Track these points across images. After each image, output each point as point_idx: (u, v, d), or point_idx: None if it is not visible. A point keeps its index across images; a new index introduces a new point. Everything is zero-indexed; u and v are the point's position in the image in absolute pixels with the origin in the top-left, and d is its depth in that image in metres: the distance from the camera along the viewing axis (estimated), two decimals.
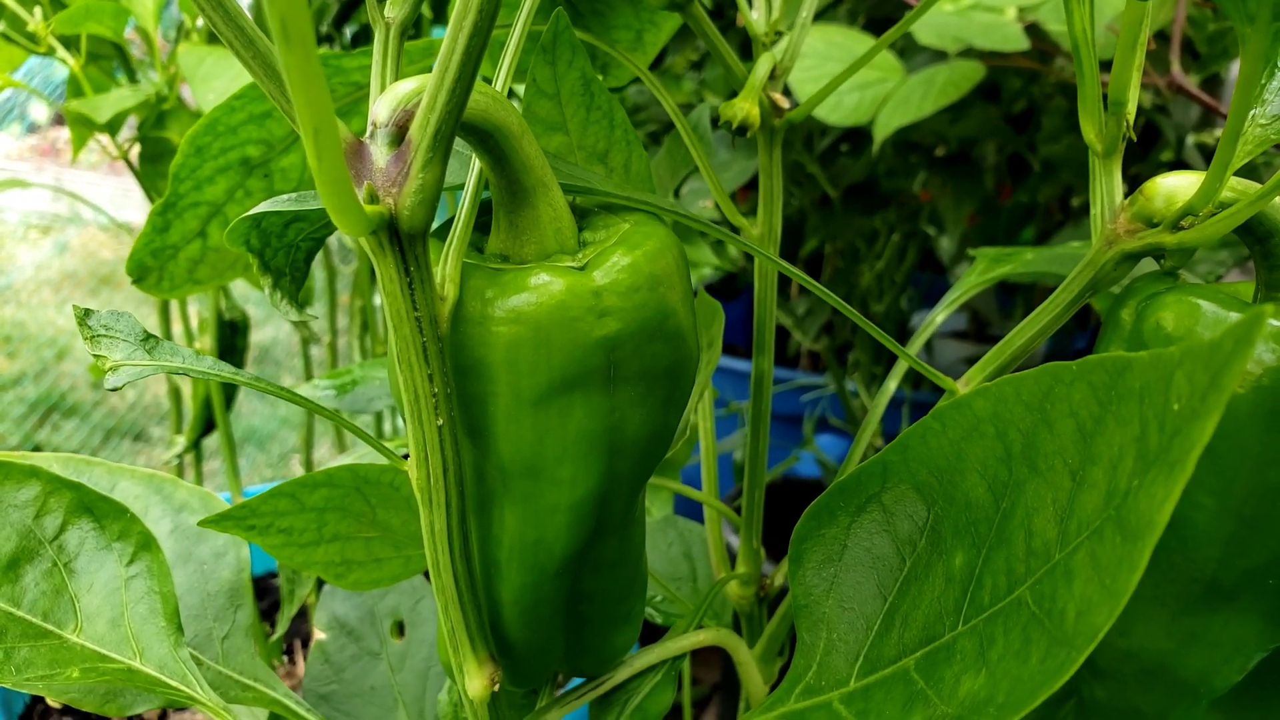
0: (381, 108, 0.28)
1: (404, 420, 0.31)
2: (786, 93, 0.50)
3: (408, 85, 0.28)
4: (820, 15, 1.18)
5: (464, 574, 0.32)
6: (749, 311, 0.55)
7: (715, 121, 0.50)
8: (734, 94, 0.48)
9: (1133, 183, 0.36)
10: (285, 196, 0.35)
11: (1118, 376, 0.25)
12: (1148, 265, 0.38)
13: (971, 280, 0.53)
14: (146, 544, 0.40)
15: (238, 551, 0.46)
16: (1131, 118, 0.37)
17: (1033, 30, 0.95)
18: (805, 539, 0.34)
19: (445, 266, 0.31)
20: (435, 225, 0.31)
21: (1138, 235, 0.36)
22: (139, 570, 0.39)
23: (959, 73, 0.94)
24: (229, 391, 0.94)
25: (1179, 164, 1.25)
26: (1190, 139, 1.13)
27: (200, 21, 0.86)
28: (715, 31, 0.47)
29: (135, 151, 0.85)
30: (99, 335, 0.31)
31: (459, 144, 0.37)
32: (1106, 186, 0.37)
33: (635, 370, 0.32)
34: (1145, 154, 1.26)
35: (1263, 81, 0.33)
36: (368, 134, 0.28)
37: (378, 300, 1.09)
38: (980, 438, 0.29)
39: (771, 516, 0.57)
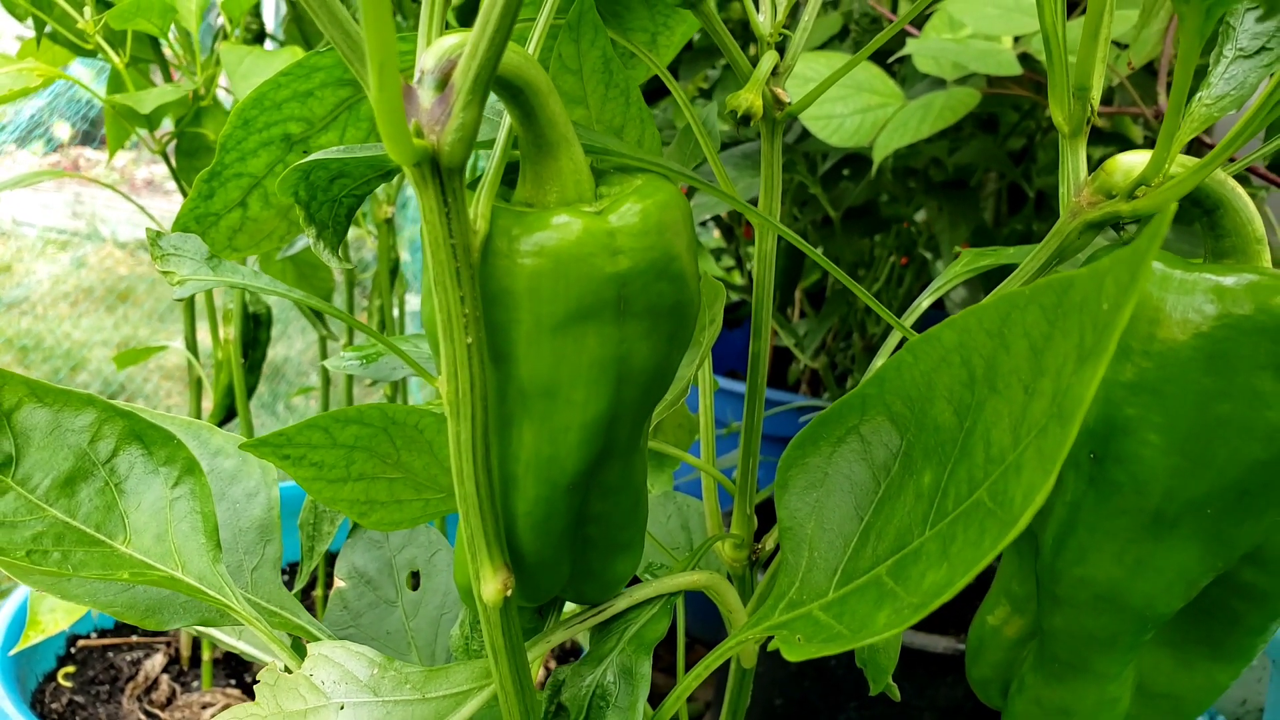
0: (429, 57, 0.32)
1: (439, 341, 0.35)
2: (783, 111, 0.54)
3: (451, 39, 0.32)
4: (825, 45, 1.24)
5: (485, 483, 0.36)
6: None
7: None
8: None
9: None
10: (334, 149, 0.39)
11: (1063, 294, 0.28)
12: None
13: (956, 270, 0.57)
14: (190, 469, 0.43)
15: (269, 492, 0.50)
16: (1096, 102, 0.41)
17: (1026, 61, 1.00)
18: (791, 466, 0.38)
19: (478, 205, 0.35)
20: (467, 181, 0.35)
21: (1098, 206, 0.40)
22: (183, 492, 0.43)
23: (955, 98, 0.99)
24: (249, 384, 0.97)
25: None
26: None
27: (237, 31, 0.91)
28: (723, 28, 0.51)
29: (171, 148, 0.90)
30: (168, 254, 0.35)
31: (489, 111, 0.42)
32: (1072, 164, 0.41)
33: (643, 306, 0.36)
34: None
35: (1211, 65, 0.37)
36: (415, 81, 0.32)
37: (394, 301, 1.13)
38: (948, 366, 0.33)
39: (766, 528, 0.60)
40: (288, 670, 0.41)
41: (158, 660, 1.13)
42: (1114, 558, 0.38)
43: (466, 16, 1.10)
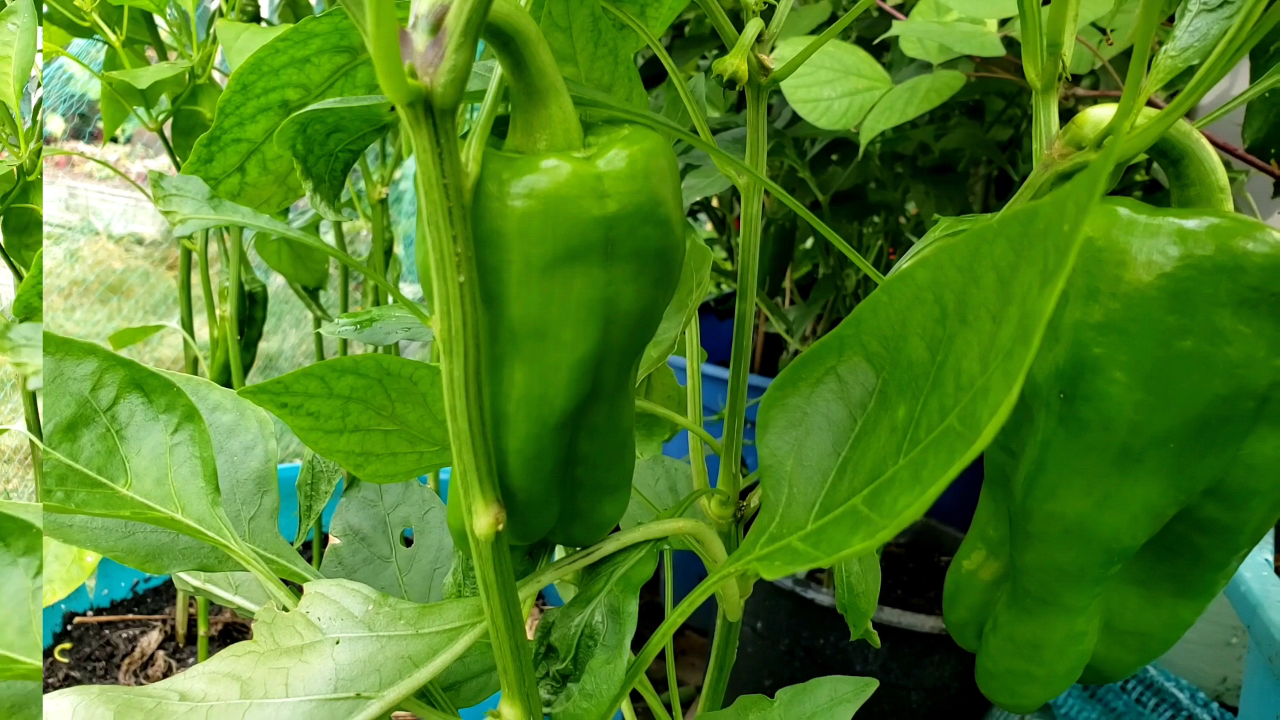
0: (423, 3, 0.33)
1: (432, 281, 0.36)
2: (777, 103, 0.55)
3: None
4: (814, 31, 1.25)
5: (477, 419, 0.37)
6: None
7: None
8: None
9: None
10: (330, 100, 0.40)
11: (1028, 224, 0.30)
12: None
13: (935, 234, 0.58)
14: (190, 416, 0.45)
15: (266, 445, 0.51)
16: (1068, 59, 0.42)
17: (1011, 46, 1.02)
18: (772, 407, 0.39)
19: (470, 149, 0.36)
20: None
21: (1069, 158, 0.41)
22: (183, 439, 0.44)
23: (941, 80, 1.00)
24: (244, 362, 0.99)
25: (1153, 183, 1.31)
26: None
27: (233, 11, 0.92)
28: None
29: (168, 128, 0.91)
30: (170, 195, 0.36)
31: (479, 67, 0.43)
32: (1045, 119, 0.42)
33: (629, 249, 0.37)
34: (1123, 175, 1.32)
35: (1177, 18, 0.39)
36: (410, 25, 0.34)
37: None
38: (921, 304, 0.34)
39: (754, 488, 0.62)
40: (285, 610, 0.42)
41: (153, 637, 1.14)
42: (1082, 493, 0.39)
43: None
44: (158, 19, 0.93)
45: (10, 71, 0.81)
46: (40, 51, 0.81)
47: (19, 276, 0.93)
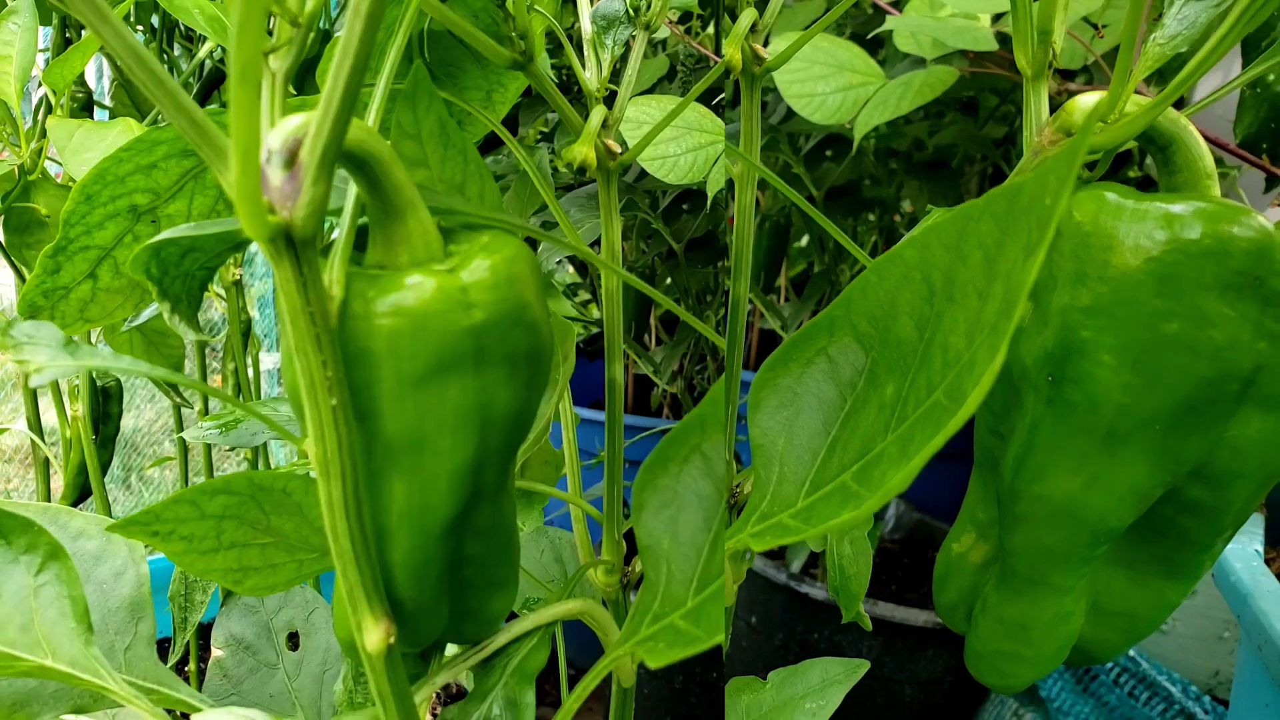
0: (275, 138, 0.34)
1: (303, 405, 0.36)
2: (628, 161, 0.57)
3: (295, 119, 0.34)
4: (654, 87, 1.28)
5: (359, 538, 0.37)
6: None
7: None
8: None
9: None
10: (184, 226, 0.40)
11: (1013, 200, 0.30)
12: None
13: (928, 223, 0.60)
14: (54, 554, 0.43)
15: (137, 569, 0.49)
16: (1058, 47, 0.43)
17: (1005, 43, 1.00)
18: (763, 388, 0.39)
19: (332, 272, 0.36)
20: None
21: (1059, 144, 0.42)
22: (48, 579, 0.43)
23: (935, 75, 1.00)
24: (102, 460, 0.94)
25: (1146, 179, 1.32)
26: None
27: (62, 101, 0.89)
28: (554, 87, 0.55)
29: None
30: (23, 344, 0.35)
31: (336, 179, 0.43)
32: (1036, 106, 0.43)
33: (500, 354, 0.38)
34: (1115, 171, 1.35)
35: (1166, 6, 0.40)
36: (264, 160, 0.34)
37: (249, 361, 1.12)
38: (909, 283, 0.34)
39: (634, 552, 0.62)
40: None
41: None
42: (1070, 474, 0.40)
43: (297, 80, 1.11)
44: None
45: (11, 71, 0.78)
46: None
47: (21, 277, 0.89)
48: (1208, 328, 0.37)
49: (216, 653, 0.56)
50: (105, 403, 0.98)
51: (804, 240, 1.70)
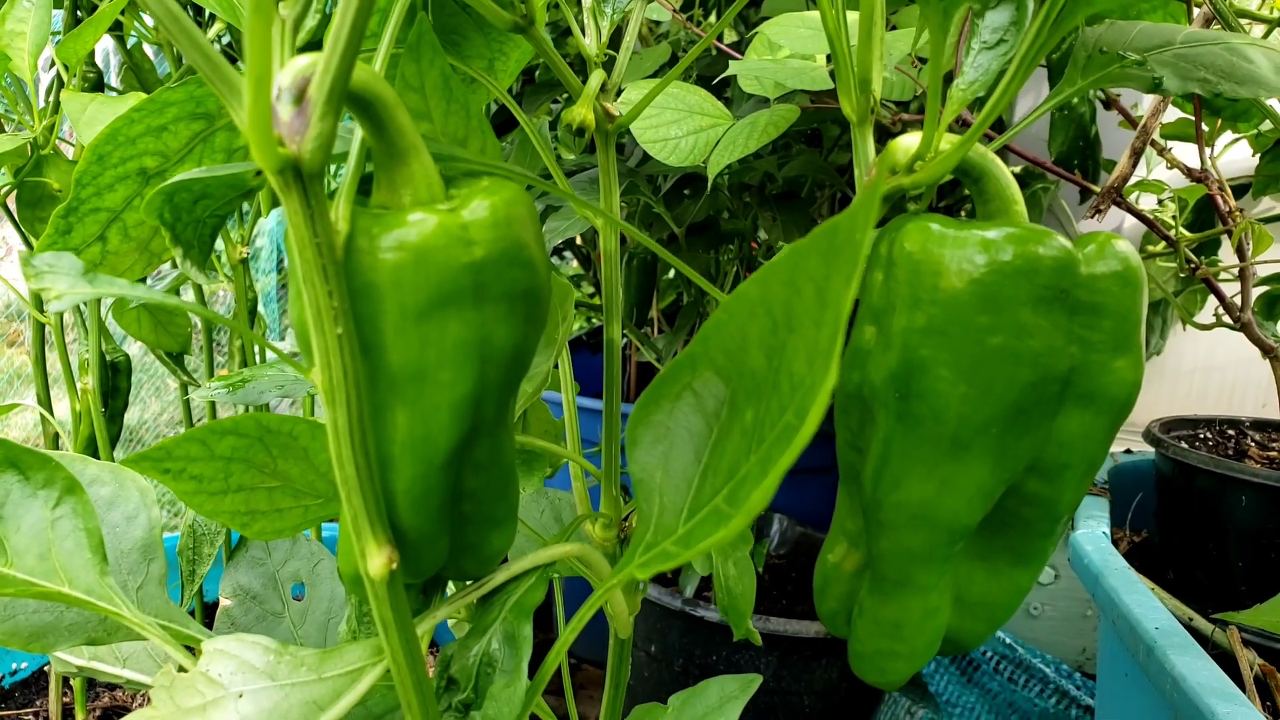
0: (285, 76, 0.36)
1: (310, 337, 0.38)
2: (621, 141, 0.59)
3: (304, 59, 0.36)
4: (656, 73, 1.31)
5: (364, 465, 0.39)
6: None
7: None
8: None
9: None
10: (196, 170, 0.42)
11: (832, 237, 0.33)
12: None
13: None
14: (71, 488, 0.45)
15: (148, 513, 0.51)
16: (878, 94, 0.47)
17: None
18: (638, 425, 0.42)
19: (338, 209, 0.38)
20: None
21: (886, 182, 0.46)
22: (65, 512, 0.44)
23: (778, 114, 1.06)
24: (110, 434, 0.96)
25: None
26: None
27: (75, 77, 0.91)
28: (554, 51, 0.56)
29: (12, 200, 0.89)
30: (44, 272, 0.37)
31: (340, 130, 0.45)
32: (863, 148, 0.47)
33: (499, 291, 0.40)
34: (953, 190, 1.43)
35: (963, 55, 0.44)
36: (275, 96, 0.36)
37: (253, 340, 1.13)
38: (755, 318, 0.38)
39: None
40: (183, 672, 0.43)
41: None
42: (923, 480, 0.43)
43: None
44: None
45: (25, 47, 0.80)
46: None
47: (32, 249, 0.91)
48: (1027, 338, 0.41)
49: (224, 602, 0.58)
50: (115, 376, 1.00)
51: (671, 273, 1.75)
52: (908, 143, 0.46)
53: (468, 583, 0.49)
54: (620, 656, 0.61)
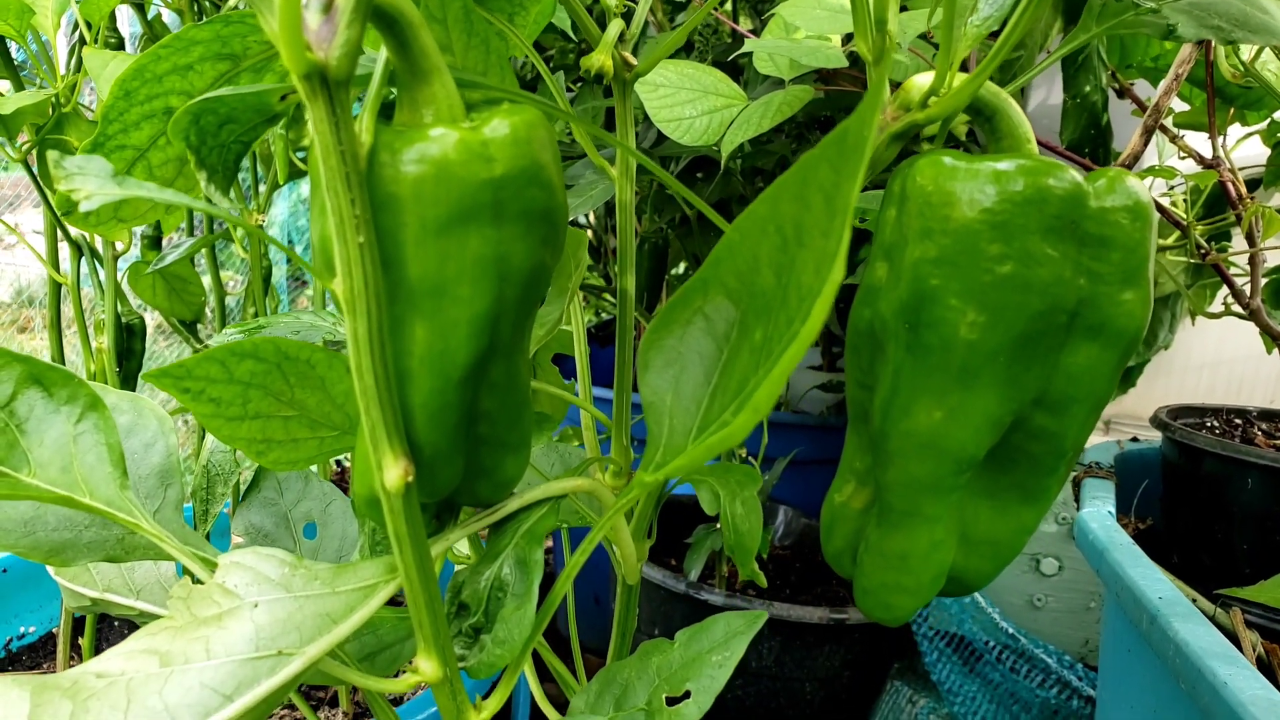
0: None
1: (333, 247, 0.39)
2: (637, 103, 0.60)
3: None
4: (673, 56, 1.32)
5: (383, 375, 0.40)
6: None
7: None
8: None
9: None
10: (223, 89, 0.43)
11: (841, 142, 0.33)
12: None
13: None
14: (94, 405, 0.45)
15: (166, 440, 0.52)
16: (894, 34, 0.48)
17: (855, 62, 1.10)
18: (650, 349, 0.42)
19: (362, 122, 0.39)
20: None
21: (899, 119, 0.47)
22: (87, 427, 0.45)
23: (792, 94, 1.07)
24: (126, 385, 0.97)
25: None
26: None
27: (97, 36, 0.92)
28: None
29: (33, 158, 0.90)
30: (74, 174, 0.38)
31: (364, 59, 0.46)
32: (878, 88, 0.48)
33: (517, 209, 0.40)
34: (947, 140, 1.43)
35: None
36: (304, 5, 0.36)
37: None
38: (766, 236, 0.38)
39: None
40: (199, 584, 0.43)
41: None
42: (932, 409, 0.44)
43: None
44: (13, 48, 0.92)
45: (50, 5, 0.81)
46: None
47: (51, 208, 0.92)
48: (1036, 267, 0.42)
49: (236, 540, 0.58)
50: (130, 338, 1.01)
51: (681, 267, 1.75)
52: (921, 80, 0.46)
53: (480, 510, 0.50)
54: (628, 603, 0.61)
